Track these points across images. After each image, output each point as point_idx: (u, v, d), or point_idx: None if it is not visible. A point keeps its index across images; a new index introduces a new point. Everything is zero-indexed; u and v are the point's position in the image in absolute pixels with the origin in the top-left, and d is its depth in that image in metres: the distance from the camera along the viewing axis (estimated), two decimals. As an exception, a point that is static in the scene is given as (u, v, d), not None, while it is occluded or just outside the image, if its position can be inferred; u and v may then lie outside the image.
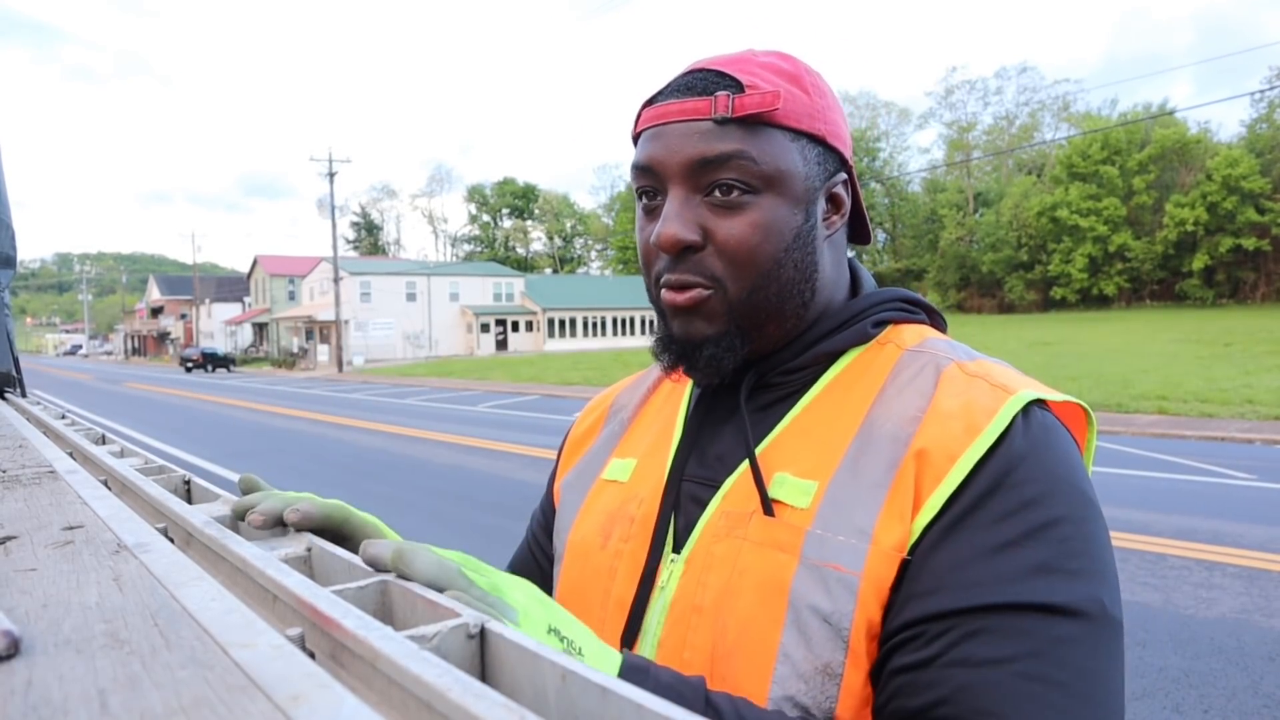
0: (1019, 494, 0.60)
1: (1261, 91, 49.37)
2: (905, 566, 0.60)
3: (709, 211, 0.68)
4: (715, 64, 0.70)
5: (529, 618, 0.47)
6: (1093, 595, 0.58)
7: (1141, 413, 11.75)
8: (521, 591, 0.50)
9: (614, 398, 0.93)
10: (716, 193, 0.68)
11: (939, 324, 0.81)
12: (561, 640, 0.48)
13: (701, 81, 0.68)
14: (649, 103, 0.71)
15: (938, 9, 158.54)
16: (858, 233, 0.82)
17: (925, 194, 63.30)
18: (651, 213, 0.72)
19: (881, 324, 0.75)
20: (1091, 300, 52.82)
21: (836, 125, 0.72)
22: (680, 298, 0.69)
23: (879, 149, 67.13)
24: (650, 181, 0.71)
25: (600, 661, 0.50)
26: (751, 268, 0.68)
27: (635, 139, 0.74)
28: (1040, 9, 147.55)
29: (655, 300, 0.74)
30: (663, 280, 0.71)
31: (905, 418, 0.66)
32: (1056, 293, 52.97)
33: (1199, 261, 47.90)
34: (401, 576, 0.45)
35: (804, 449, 0.68)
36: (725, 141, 0.66)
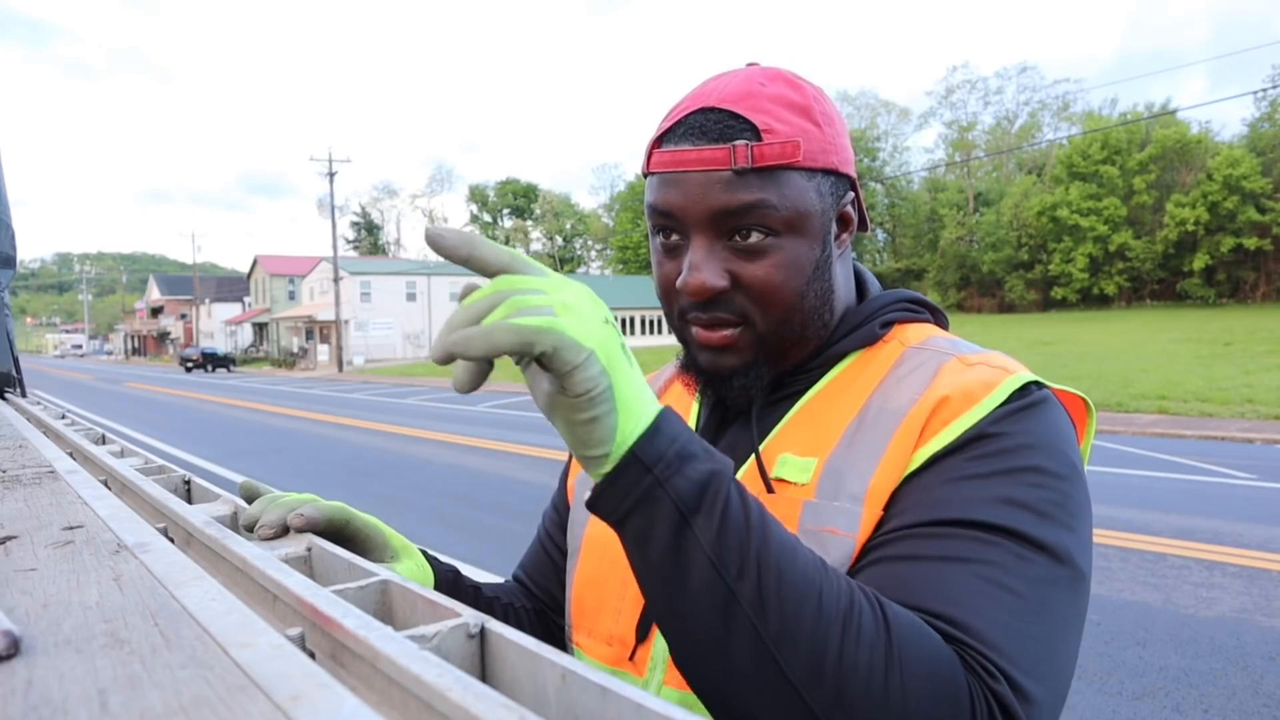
0: (998, 442, 0.63)
1: (1263, 90, 49.34)
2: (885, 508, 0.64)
3: (732, 255, 0.70)
4: (725, 103, 0.69)
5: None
6: (1060, 540, 0.59)
7: (1141, 412, 11.75)
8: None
9: None
10: (738, 238, 0.70)
11: (942, 322, 0.83)
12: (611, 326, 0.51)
13: (716, 126, 0.68)
14: (660, 141, 0.72)
15: (947, 5, 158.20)
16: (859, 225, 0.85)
17: (925, 194, 63.28)
18: (671, 251, 0.73)
19: (888, 324, 0.78)
20: (1092, 300, 52.81)
21: (845, 150, 0.74)
22: (715, 336, 0.72)
23: (879, 149, 67.10)
24: (669, 224, 0.72)
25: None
26: (778, 305, 0.71)
27: (645, 174, 0.74)
28: (1054, 4, 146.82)
29: (680, 331, 0.76)
30: (691, 317, 0.73)
31: (903, 398, 0.68)
32: (1057, 292, 52.94)
33: (1199, 261, 47.86)
34: (467, 262, 0.50)
35: (806, 433, 0.72)
36: (746, 192, 0.67)
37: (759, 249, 0.69)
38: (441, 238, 0.50)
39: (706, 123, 0.69)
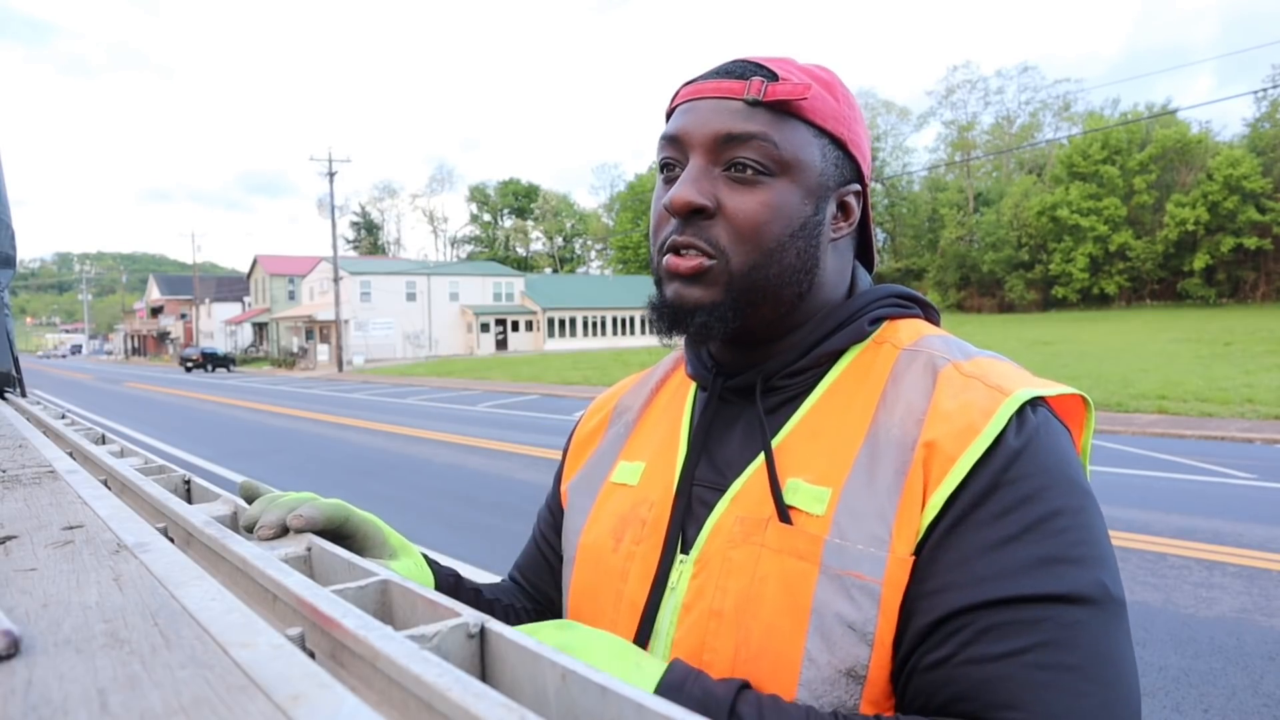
0: (1016, 490, 0.62)
1: (1264, 90, 49.33)
2: (915, 565, 0.62)
3: (724, 184, 0.71)
4: (757, 58, 0.74)
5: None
6: (1095, 579, 0.60)
7: (1141, 412, 11.75)
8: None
9: (618, 399, 0.94)
10: (734, 169, 0.70)
11: (933, 317, 0.82)
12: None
13: (740, 67, 0.73)
14: (689, 82, 0.75)
15: (953, 3, 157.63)
16: (863, 254, 0.84)
17: (925, 193, 63.29)
18: (671, 183, 0.74)
19: (877, 321, 0.77)
20: (1092, 300, 52.81)
21: (859, 137, 0.75)
22: (683, 264, 0.71)
23: (878, 148, 67.10)
24: (674, 153, 0.73)
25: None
26: (756, 243, 0.70)
27: (669, 115, 0.76)
28: (1062, 1, 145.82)
29: (656, 268, 0.75)
30: (668, 243, 0.72)
31: (909, 420, 0.67)
32: (1057, 292, 52.96)
33: (1199, 261, 47.88)
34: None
35: (814, 454, 0.69)
36: (752, 122, 0.70)
37: (750, 181, 0.70)
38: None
39: (734, 66, 0.73)
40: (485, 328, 47.04)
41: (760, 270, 0.71)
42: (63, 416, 1.26)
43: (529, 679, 0.34)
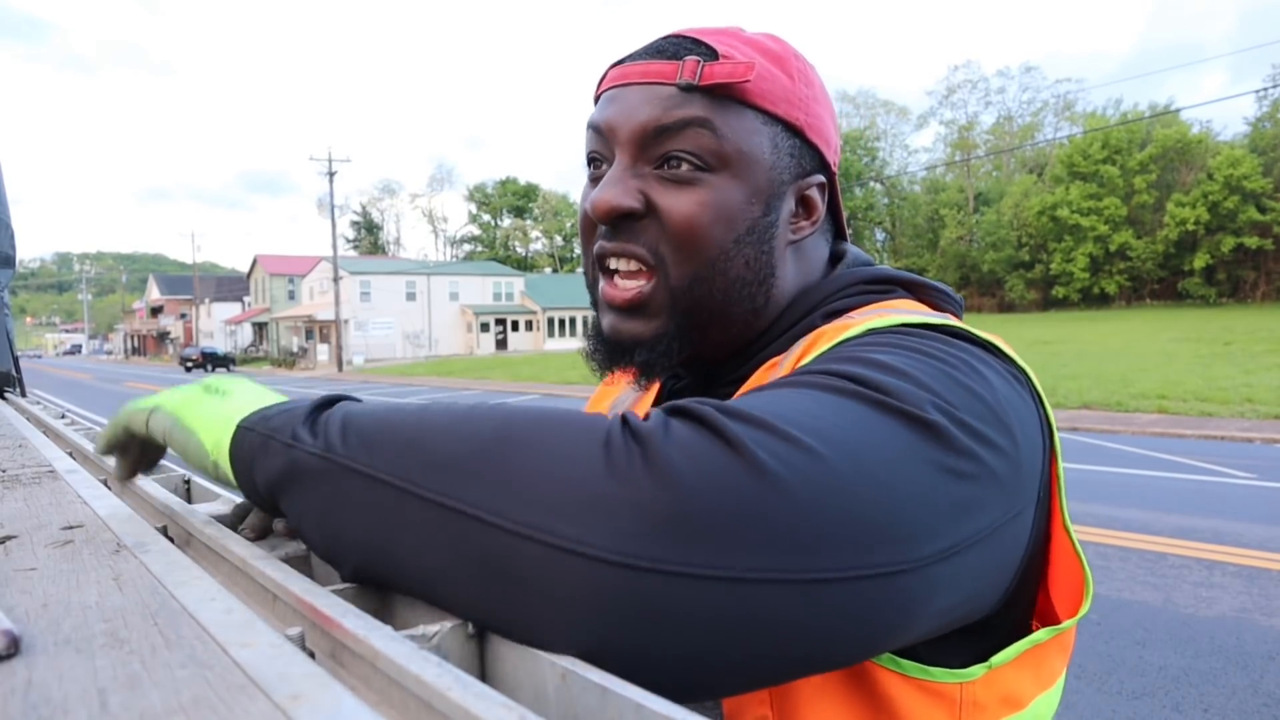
0: (868, 343, 0.51)
1: (1264, 89, 49.33)
2: None
3: (656, 183, 0.62)
4: (695, 32, 0.64)
5: (163, 398, 0.57)
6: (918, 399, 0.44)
7: (1141, 411, 11.75)
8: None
9: (614, 397, 0.92)
10: (667, 166, 0.61)
11: (934, 299, 0.68)
12: (214, 392, 0.56)
13: (674, 46, 0.63)
14: (617, 63, 0.66)
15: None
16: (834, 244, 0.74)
17: (925, 193, 63.28)
18: (597, 182, 0.65)
19: (835, 314, 0.64)
20: (1092, 299, 52.81)
21: (820, 120, 0.65)
22: (618, 295, 0.63)
23: (878, 148, 67.13)
24: (600, 147, 0.65)
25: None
26: (696, 251, 0.61)
27: (597, 99, 0.67)
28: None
29: (592, 287, 0.68)
30: (598, 249, 0.64)
31: (773, 363, 0.61)
32: (1057, 292, 52.94)
33: (1200, 260, 47.86)
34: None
35: None
36: (686, 108, 0.60)
37: (685, 179, 0.60)
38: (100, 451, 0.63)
39: (665, 44, 0.63)
40: (485, 327, 47.04)
41: (703, 284, 0.62)
42: (62, 416, 1.26)
43: (528, 678, 0.34)
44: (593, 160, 0.66)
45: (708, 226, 0.61)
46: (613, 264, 0.64)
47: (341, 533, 0.43)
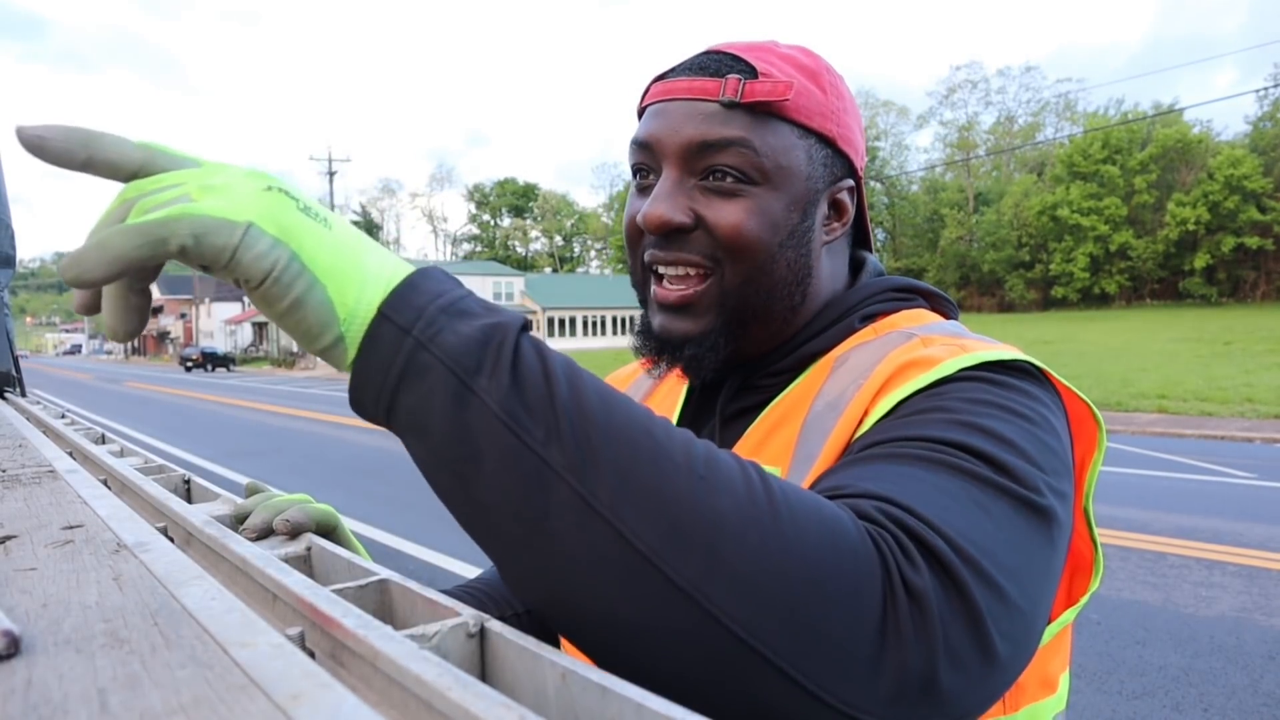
0: (964, 388, 0.55)
1: (1265, 89, 49.33)
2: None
3: (701, 195, 0.66)
4: (733, 48, 0.68)
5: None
6: (1025, 469, 0.49)
7: (1141, 411, 11.75)
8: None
9: (630, 383, 0.92)
10: (711, 178, 0.65)
11: (945, 309, 0.75)
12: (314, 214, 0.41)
13: (715, 63, 0.66)
14: (660, 78, 0.70)
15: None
16: (861, 243, 0.80)
17: (925, 193, 63.30)
18: (644, 191, 0.70)
19: (870, 318, 0.71)
20: (1092, 299, 52.82)
21: (850, 130, 0.70)
22: (673, 294, 0.67)
23: (878, 148, 67.15)
24: (646, 159, 0.69)
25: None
26: (745, 255, 0.65)
27: (640, 113, 0.72)
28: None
29: (641, 286, 0.71)
30: (650, 257, 0.68)
31: (851, 380, 0.63)
32: (1057, 291, 52.97)
33: (1200, 260, 47.90)
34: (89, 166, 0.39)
35: (770, 443, 0.67)
36: (729, 127, 0.64)
37: (730, 190, 0.65)
38: (44, 139, 0.39)
39: (708, 61, 0.67)
40: (485, 327, 46.90)
41: (752, 284, 0.67)
42: (62, 416, 1.26)
43: (529, 678, 0.34)
44: (638, 171, 0.70)
45: (755, 232, 0.65)
46: (662, 269, 0.68)
47: (469, 490, 0.39)
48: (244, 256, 0.38)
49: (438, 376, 0.38)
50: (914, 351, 0.62)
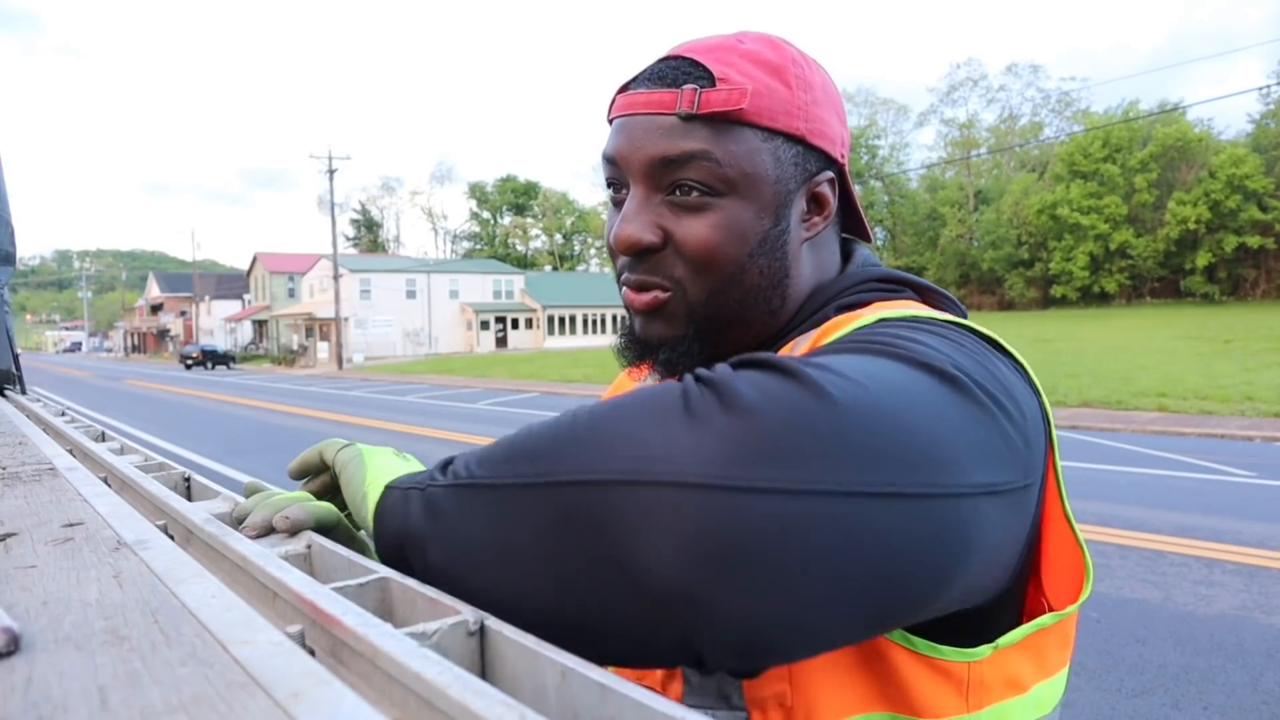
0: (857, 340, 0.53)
1: (1267, 87, 49.28)
2: None
3: (669, 211, 0.66)
4: (694, 50, 0.66)
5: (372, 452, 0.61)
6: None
7: (1141, 410, 11.75)
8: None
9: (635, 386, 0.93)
10: (677, 192, 0.65)
11: (939, 303, 0.70)
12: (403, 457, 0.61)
13: (673, 71, 0.65)
14: (622, 89, 0.69)
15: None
16: (855, 231, 0.78)
17: (925, 191, 63.27)
18: (619, 205, 0.70)
19: (848, 307, 0.68)
20: (1092, 298, 52.81)
21: (821, 122, 0.67)
22: (641, 299, 0.68)
23: (878, 146, 67.11)
24: (615, 174, 0.68)
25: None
26: (712, 271, 0.65)
27: (610, 123, 0.71)
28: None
29: (622, 295, 0.73)
30: (623, 279, 0.69)
31: (788, 346, 0.64)
32: (1057, 290, 52.94)
33: (1201, 259, 47.88)
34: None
35: None
36: (688, 140, 0.63)
37: (696, 205, 0.64)
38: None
39: (665, 70, 0.65)
40: (485, 325, 47.04)
41: (720, 297, 0.66)
42: (62, 414, 1.26)
43: (529, 676, 0.34)
44: (611, 184, 0.70)
45: (722, 246, 0.65)
46: (636, 286, 0.69)
47: (468, 549, 0.46)
48: (337, 455, 0.65)
49: (417, 493, 0.53)
50: (845, 320, 0.61)
